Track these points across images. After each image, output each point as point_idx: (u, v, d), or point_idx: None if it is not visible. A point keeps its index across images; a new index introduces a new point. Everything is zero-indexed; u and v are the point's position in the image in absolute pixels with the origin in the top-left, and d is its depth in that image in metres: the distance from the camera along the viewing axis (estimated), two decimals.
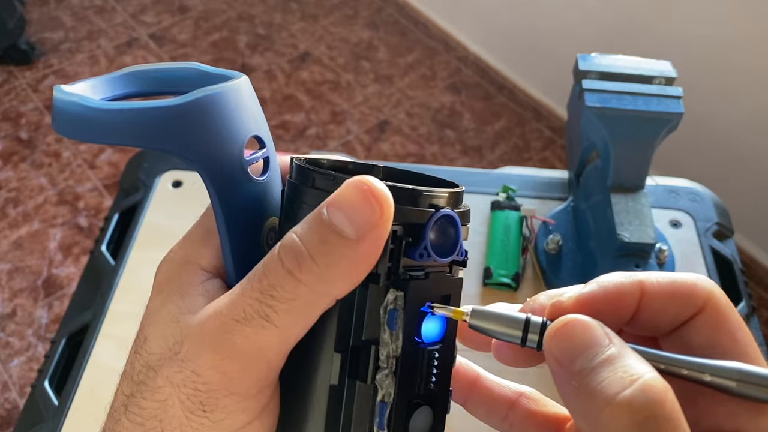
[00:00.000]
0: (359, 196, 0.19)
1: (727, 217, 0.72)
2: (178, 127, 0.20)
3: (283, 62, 2.08)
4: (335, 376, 0.21)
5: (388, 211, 0.19)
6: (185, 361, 0.20)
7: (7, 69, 2.01)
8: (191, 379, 0.20)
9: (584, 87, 0.60)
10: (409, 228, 0.20)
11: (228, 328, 0.20)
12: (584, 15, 1.68)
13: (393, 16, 2.24)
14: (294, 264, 0.19)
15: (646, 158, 0.60)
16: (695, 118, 1.05)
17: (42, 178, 1.74)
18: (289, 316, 0.19)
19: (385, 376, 0.20)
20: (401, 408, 0.21)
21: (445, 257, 0.21)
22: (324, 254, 0.19)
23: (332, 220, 0.19)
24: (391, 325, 0.20)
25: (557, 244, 0.65)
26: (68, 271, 1.56)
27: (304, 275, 0.19)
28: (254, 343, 0.19)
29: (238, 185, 0.22)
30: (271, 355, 0.20)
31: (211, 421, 0.20)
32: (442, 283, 0.22)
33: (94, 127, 0.20)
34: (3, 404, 1.35)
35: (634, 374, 0.18)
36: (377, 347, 0.20)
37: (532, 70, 1.95)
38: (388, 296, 0.20)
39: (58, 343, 0.61)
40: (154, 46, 2.11)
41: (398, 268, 0.20)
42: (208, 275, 0.23)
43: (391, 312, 0.20)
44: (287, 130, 1.89)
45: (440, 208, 0.21)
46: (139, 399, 0.21)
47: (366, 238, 0.19)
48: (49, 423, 0.56)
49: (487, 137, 1.89)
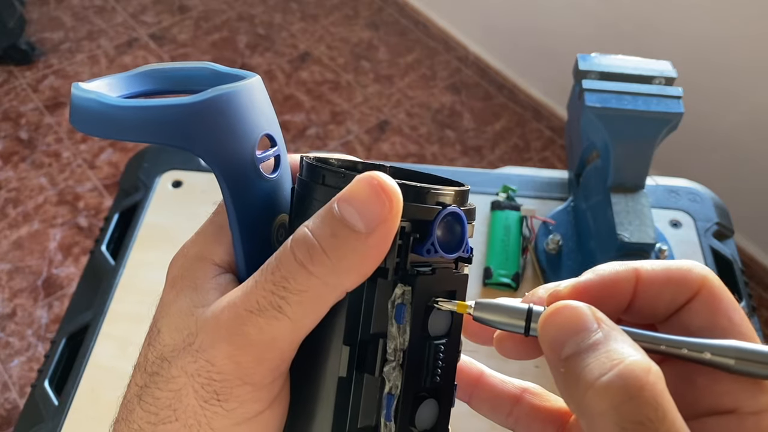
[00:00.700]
0: (370, 191, 0.19)
1: (727, 217, 0.72)
2: (193, 124, 0.20)
3: (283, 62, 2.08)
4: (344, 369, 0.21)
5: (397, 206, 0.19)
6: (200, 351, 0.20)
7: (7, 69, 2.01)
8: (206, 369, 0.20)
9: (584, 87, 0.60)
10: (416, 224, 0.21)
11: (242, 319, 0.20)
12: (584, 15, 1.68)
13: (393, 16, 2.24)
14: (306, 256, 0.20)
15: (646, 158, 0.60)
16: (695, 118, 1.05)
17: (42, 178, 1.74)
18: (301, 307, 0.20)
19: (393, 368, 0.21)
20: (408, 400, 0.21)
21: (452, 253, 0.21)
22: (335, 247, 0.19)
23: (343, 214, 0.19)
24: (398, 318, 0.21)
25: (557, 244, 0.65)
26: (68, 271, 1.56)
27: (315, 267, 0.20)
28: (267, 334, 0.20)
29: (250, 182, 0.22)
30: (283, 346, 0.20)
31: (225, 410, 0.20)
32: (448, 279, 0.22)
33: (112, 124, 0.20)
34: (3, 404, 1.35)
35: (616, 358, 0.18)
36: (385, 340, 0.21)
37: (532, 70, 1.95)
38: (396, 291, 0.21)
39: (58, 343, 0.61)
40: (154, 46, 2.11)
41: (406, 263, 0.21)
42: (221, 270, 0.24)
43: (398, 306, 0.21)
44: (287, 130, 1.89)
45: (447, 205, 0.21)
46: (153, 389, 0.21)
47: (376, 232, 0.19)
48: (49, 423, 0.56)
49: (487, 137, 1.89)
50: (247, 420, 0.21)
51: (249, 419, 0.21)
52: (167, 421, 0.21)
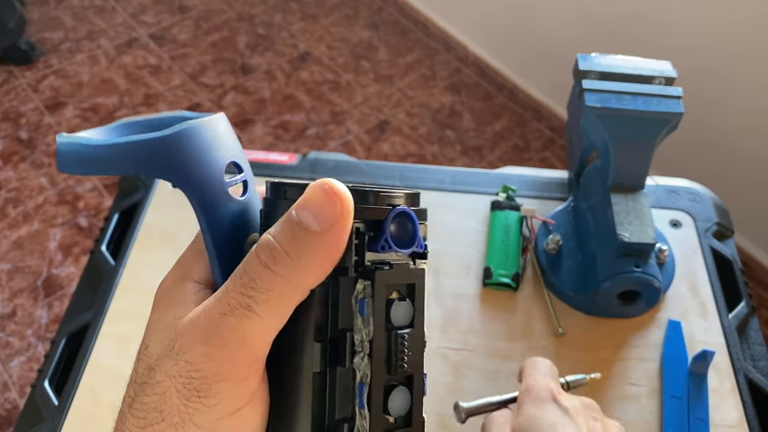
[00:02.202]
0: (322, 195, 0.21)
1: (727, 217, 0.72)
2: (164, 155, 0.23)
3: (283, 62, 2.08)
4: (317, 364, 0.23)
5: (348, 206, 0.22)
6: (179, 353, 0.22)
7: (7, 69, 2.01)
8: (186, 369, 0.22)
9: (584, 87, 0.60)
10: (370, 224, 0.23)
11: (216, 320, 0.22)
12: (584, 15, 1.68)
13: (393, 16, 2.24)
14: (269, 258, 0.22)
15: (646, 158, 0.60)
16: (695, 118, 1.05)
17: (42, 178, 1.74)
18: (268, 305, 0.22)
19: (361, 359, 0.23)
20: (379, 387, 0.23)
21: (406, 249, 0.24)
22: (295, 248, 0.21)
23: (300, 218, 0.22)
24: (362, 311, 0.23)
25: (557, 244, 0.65)
26: (68, 271, 1.56)
27: (278, 267, 0.22)
28: (239, 331, 0.22)
29: (220, 204, 0.25)
30: (255, 343, 0.22)
31: (206, 406, 0.22)
32: (405, 273, 0.24)
33: (95, 161, 0.23)
34: (3, 404, 1.35)
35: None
36: (352, 334, 0.23)
37: (532, 70, 1.95)
38: (357, 286, 0.23)
39: (58, 343, 0.61)
40: (154, 46, 2.11)
41: (364, 260, 0.23)
42: (200, 287, 0.26)
43: (361, 300, 0.23)
44: (287, 130, 1.89)
45: (397, 205, 0.24)
46: (142, 397, 0.23)
47: (330, 231, 0.21)
48: (49, 423, 0.55)
49: (487, 137, 1.89)
50: (228, 415, 0.22)
51: (230, 414, 0.22)
52: (154, 422, 0.22)
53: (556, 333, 0.61)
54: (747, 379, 0.58)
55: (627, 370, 0.59)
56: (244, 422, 0.23)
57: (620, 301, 0.60)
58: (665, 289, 0.64)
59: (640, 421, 0.56)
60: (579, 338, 0.61)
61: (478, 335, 0.61)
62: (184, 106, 1.93)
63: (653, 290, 0.58)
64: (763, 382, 0.59)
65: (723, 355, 0.60)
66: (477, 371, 0.58)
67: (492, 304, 0.63)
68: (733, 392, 0.57)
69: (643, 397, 0.57)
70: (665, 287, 0.64)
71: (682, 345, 0.60)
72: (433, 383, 0.58)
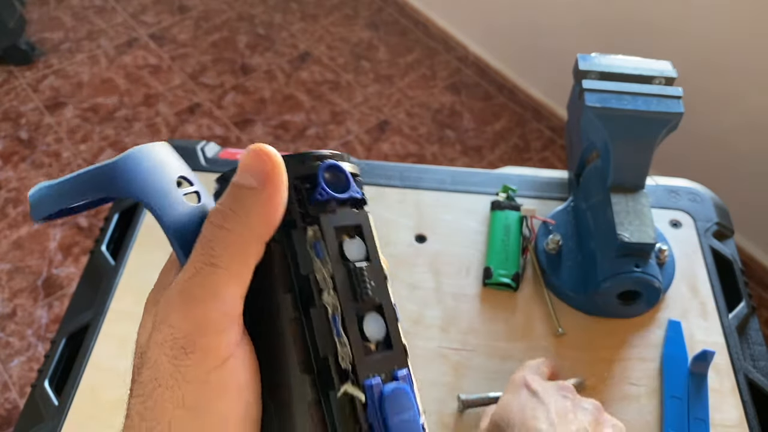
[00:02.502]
0: (253, 156, 0.25)
1: (727, 217, 0.72)
2: (119, 175, 0.27)
3: (283, 62, 2.08)
4: (291, 311, 0.25)
5: (276, 159, 0.25)
6: (162, 322, 0.24)
7: (7, 69, 2.01)
8: (170, 333, 0.24)
9: (584, 87, 0.60)
10: (305, 179, 0.26)
11: (186, 284, 0.24)
12: (584, 15, 1.68)
13: (393, 16, 2.24)
14: (221, 219, 0.25)
15: (646, 158, 0.60)
16: (695, 118, 1.05)
17: (42, 178, 1.74)
18: (230, 258, 0.24)
19: (328, 294, 0.25)
20: (351, 314, 0.25)
21: (342, 193, 0.26)
22: (240, 206, 0.24)
23: (239, 180, 0.25)
24: (318, 254, 0.25)
25: (557, 244, 0.65)
26: (68, 271, 1.56)
27: (229, 224, 0.24)
28: (209, 287, 0.24)
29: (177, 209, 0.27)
30: (226, 296, 0.24)
31: (193, 361, 0.24)
32: (349, 215, 0.26)
33: (57, 198, 0.27)
34: (3, 404, 1.35)
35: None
36: (315, 276, 0.25)
37: (532, 70, 1.95)
38: (308, 233, 0.25)
39: (58, 343, 0.61)
40: (154, 46, 2.11)
41: (307, 210, 0.25)
42: None
43: (315, 244, 0.25)
44: (287, 130, 1.89)
45: (327, 160, 0.26)
46: (139, 378, 0.25)
47: (267, 184, 0.24)
48: (49, 423, 0.56)
49: (487, 137, 1.89)
50: (216, 368, 0.24)
51: (218, 367, 0.24)
52: (153, 391, 0.24)
53: (556, 333, 0.61)
54: (747, 379, 0.58)
55: (627, 370, 0.59)
56: (232, 375, 0.24)
57: (620, 301, 0.60)
58: (665, 289, 0.64)
59: (640, 421, 0.56)
60: (579, 338, 0.61)
61: (478, 335, 0.61)
62: (184, 106, 1.93)
63: (653, 290, 0.58)
64: (763, 382, 0.59)
65: (723, 355, 0.60)
66: (477, 371, 0.58)
67: (492, 304, 0.63)
68: (733, 392, 0.57)
69: (643, 397, 0.57)
70: (665, 287, 0.64)
71: (682, 345, 0.60)
72: (433, 383, 0.58)
